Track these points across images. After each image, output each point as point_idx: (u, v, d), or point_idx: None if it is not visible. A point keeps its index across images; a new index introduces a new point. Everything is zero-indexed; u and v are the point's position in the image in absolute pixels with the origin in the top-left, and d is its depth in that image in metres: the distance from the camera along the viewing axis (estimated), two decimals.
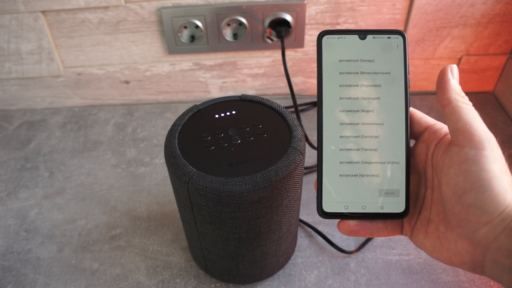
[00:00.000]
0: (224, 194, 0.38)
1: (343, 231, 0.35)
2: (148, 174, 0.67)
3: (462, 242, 0.30)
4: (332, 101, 0.35)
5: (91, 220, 0.61)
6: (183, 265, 0.55)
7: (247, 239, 0.44)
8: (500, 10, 0.70)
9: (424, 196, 0.35)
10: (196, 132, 0.44)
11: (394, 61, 0.35)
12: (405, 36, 0.35)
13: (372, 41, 0.35)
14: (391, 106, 0.34)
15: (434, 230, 0.33)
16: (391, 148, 0.34)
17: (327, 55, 0.35)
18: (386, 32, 0.35)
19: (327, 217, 0.35)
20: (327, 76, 0.35)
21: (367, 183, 0.34)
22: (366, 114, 0.35)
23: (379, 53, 0.35)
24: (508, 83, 0.77)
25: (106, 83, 0.79)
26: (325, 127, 0.35)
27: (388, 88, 0.34)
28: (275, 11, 0.69)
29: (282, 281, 0.53)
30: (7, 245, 0.58)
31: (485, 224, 0.28)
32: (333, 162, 0.35)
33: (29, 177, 0.68)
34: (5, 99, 0.81)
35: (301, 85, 0.81)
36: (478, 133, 0.29)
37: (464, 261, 0.31)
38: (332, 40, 0.35)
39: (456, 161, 0.30)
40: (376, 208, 0.34)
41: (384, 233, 0.35)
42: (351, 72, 0.35)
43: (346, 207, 0.34)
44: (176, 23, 0.70)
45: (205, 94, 0.82)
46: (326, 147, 0.35)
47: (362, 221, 0.35)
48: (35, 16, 0.70)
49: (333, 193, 0.35)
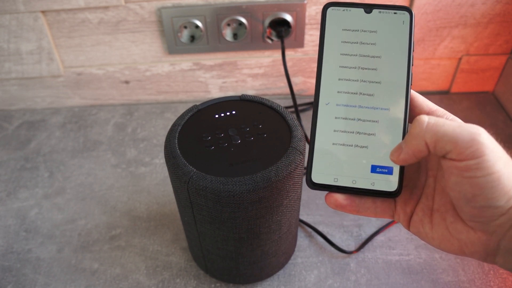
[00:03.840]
0: (224, 194, 0.38)
1: (330, 204, 0.33)
2: (148, 174, 0.67)
3: (475, 232, 0.29)
4: (332, 69, 0.34)
5: (91, 220, 0.61)
6: (183, 265, 0.55)
7: (247, 239, 0.44)
8: (500, 10, 0.70)
9: (424, 185, 0.34)
10: (196, 132, 0.44)
11: (399, 37, 0.34)
12: (412, 13, 0.34)
13: (378, 15, 0.34)
14: (392, 79, 0.34)
15: (440, 220, 0.32)
16: (389, 123, 0.33)
17: (330, 25, 0.34)
18: (393, 8, 0.34)
19: (316, 188, 0.34)
20: (328, 45, 0.34)
21: (360, 156, 0.33)
22: (366, 85, 0.34)
23: (384, 27, 0.34)
24: (508, 83, 0.77)
25: (106, 83, 0.79)
26: (321, 94, 0.34)
27: (390, 62, 0.34)
28: (275, 11, 0.69)
29: (282, 281, 0.53)
30: (7, 245, 0.58)
31: (499, 216, 0.28)
32: (327, 130, 0.34)
33: (29, 177, 0.68)
34: (5, 99, 0.81)
35: (301, 85, 0.81)
36: (469, 143, 0.27)
37: (477, 250, 0.30)
38: (337, 11, 0.35)
39: (457, 171, 0.28)
40: (367, 184, 0.33)
41: (372, 214, 0.34)
42: (353, 42, 0.34)
43: (335, 180, 0.33)
44: (176, 23, 0.70)
45: (205, 94, 0.82)
46: (321, 115, 0.34)
47: (351, 196, 0.33)
48: (35, 16, 0.70)
49: (324, 163, 0.33)
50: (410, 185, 0.34)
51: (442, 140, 0.28)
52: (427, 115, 0.30)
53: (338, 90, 0.34)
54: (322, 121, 0.34)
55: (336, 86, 0.34)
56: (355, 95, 0.34)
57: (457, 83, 0.80)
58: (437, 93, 0.82)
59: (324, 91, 0.34)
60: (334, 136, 0.34)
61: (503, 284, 0.51)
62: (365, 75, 0.34)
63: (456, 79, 0.79)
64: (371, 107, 0.34)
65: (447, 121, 0.28)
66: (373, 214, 0.34)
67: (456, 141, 0.27)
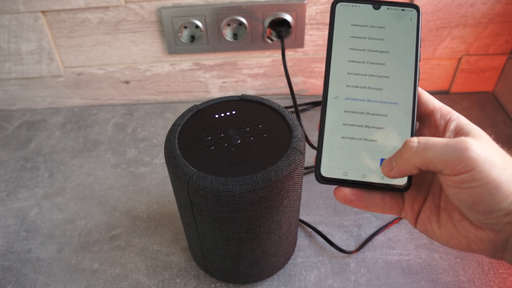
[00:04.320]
0: (224, 194, 0.38)
1: (339, 198, 0.33)
2: (148, 174, 0.67)
3: (483, 231, 0.30)
4: (341, 63, 0.35)
5: (91, 220, 0.61)
6: (183, 265, 0.55)
7: (247, 239, 0.44)
8: (500, 10, 0.70)
9: (431, 183, 0.34)
10: (196, 132, 0.44)
11: (407, 33, 0.35)
12: (419, 10, 0.35)
13: (386, 11, 0.35)
14: (400, 74, 0.34)
15: (447, 218, 0.32)
16: (398, 117, 0.34)
17: (339, 20, 0.35)
18: (401, 5, 0.35)
19: (325, 182, 0.33)
20: (337, 40, 0.35)
21: (370, 150, 0.33)
22: (374, 79, 0.34)
23: (392, 23, 0.35)
24: (508, 83, 0.77)
25: (106, 83, 0.79)
26: (330, 88, 0.34)
27: (398, 57, 0.34)
28: (275, 11, 0.69)
29: (282, 281, 0.53)
30: (7, 245, 0.58)
31: (506, 216, 0.28)
32: (336, 124, 0.34)
33: (29, 177, 0.68)
34: (5, 99, 0.81)
35: (301, 85, 0.81)
36: (460, 159, 0.27)
37: (485, 247, 0.30)
38: (346, 7, 0.35)
39: (453, 185, 0.29)
40: (377, 178, 0.33)
41: (380, 210, 0.34)
42: (361, 37, 0.35)
43: (345, 174, 0.33)
44: (176, 23, 0.70)
45: (205, 94, 0.82)
46: (329, 109, 0.34)
47: (360, 191, 0.33)
48: (35, 16, 0.70)
49: (333, 157, 0.33)
50: (417, 183, 0.34)
51: (432, 162, 0.28)
52: (416, 138, 0.30)
53: (347, 84, 0.34)
54: (331, 115, 0.34)
55: (345, 80, 0.35)
56: (364, 89, 0.34)
57: (457, 83, 0.80)
58: (437, 93, 0.82)
59: (333, 85, 0.35)
60: (343, 130, 0.34)
61: (503, 284, 0.51)
62: (374, 70, 0.34)
63: (456, 79, 0.79)
64: (380, 101, 0.34)
65: (435, 141, 0.29)
66: (381, 210, 0.34)
67: (445, 161, 0.28)
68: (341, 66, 0.35)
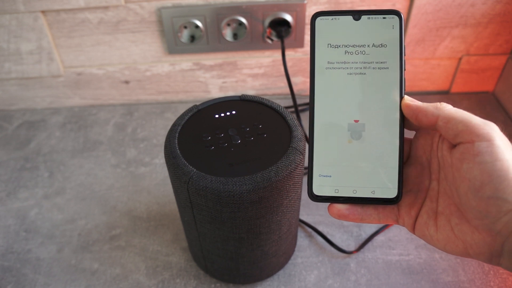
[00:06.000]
0: (224, 194, 0.38)
1: (333, 214, 0.35)
2: (148, 174, 0.67)
3: (480, 233, 0.30)
4: (324, 85, 0.35)
5: (91, 220, 0.61)
6: (183, 265, 0.55)
7: (247, 239, 0.44)
8: (500, 10, 0.70)
9: (428, 188, 0.34)
10: (196, 132, 0.44)
11: (390, 44, 0.34)
12: (401, 16, 0.34)
13: (367, 22, 0.34)
14: (385, 90, 0.34)
15: (445, 223, 0.32)
16: (384, 134, 0.34)
17: (320, 38, 0.35)
18: (381, 12, 0.34)
19: (318, 200, 0.34)
20: (319, 62, 0.35)
21: (358, 166, 0.34)
22: (360, 97, 0.34)
23: (373, 35, 0.34)
24: (508, 83, 0.77)
25: (106, 83, 0.79)
26: (316, 111, 0.34)
27: (382, 71, 0.34)
28: (275, 11, 0.69)
29: (282, 281, 0.53)
30: (7, 245, 0.58)
31: (506, 213, 0.28)
32: (325, 146, 0.34)
33: (29, 177, 0.68)
34: (5, 99, 0.81)
35: (301, 85, 0.81)
36: (481, 126, 0.29)
37: (481, 252, 0.30)
38: (326, 21, 0.35)
39: (469, 156, 0.29)
40: (367, 192, 0.34)
41: (375, 220, 0.35)
42: (343, 55, 0.34)
43: (336, 191, 0.34)
44: (176, 23, 0.70)
45: (205, 94, 0.82)
46: (317, 133, 0.34)
47: (353, 206, 0.34)
48: (35, 16, 0.70)
49: (323, 176, 0.34)
50: (414, 189, 0.35)
51: (455, 119, 0.30)
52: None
53: (332, 110, 0.35)
54: (319, 137, 0.35)
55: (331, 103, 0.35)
56: (348, 111, 0.34)
57: (457, 83, 0.80)
58: (437, 93, 0.82)
59: (318, 112, 0.35)
60: (332, 150, 0.34)
61: (503, 284, 0.51)
62: (357, 91, 0.34)
63: (456, 79, 0.79)
64: (366, 118, 0.34)
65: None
66: (377, 221, 0.35)
67: (470, 122, 0.30)
68: (326, 91, 0.34)
